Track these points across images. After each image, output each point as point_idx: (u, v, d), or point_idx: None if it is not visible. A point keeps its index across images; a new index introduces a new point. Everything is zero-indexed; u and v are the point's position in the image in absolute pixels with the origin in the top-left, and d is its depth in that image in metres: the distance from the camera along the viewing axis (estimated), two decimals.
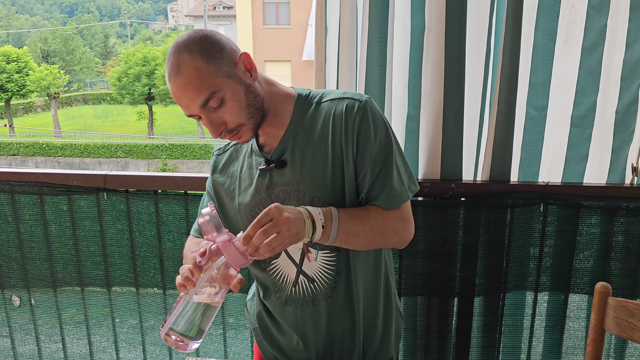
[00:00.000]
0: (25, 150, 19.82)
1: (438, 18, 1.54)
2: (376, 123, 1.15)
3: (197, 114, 1.10)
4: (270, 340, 1.34)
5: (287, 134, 1.18)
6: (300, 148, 1.17)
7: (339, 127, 1.14)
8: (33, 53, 31.79)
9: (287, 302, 1.25)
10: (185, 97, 1.07)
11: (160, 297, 1.87)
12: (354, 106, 1.14)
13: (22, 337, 1.97)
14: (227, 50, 1.10)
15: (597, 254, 1.66)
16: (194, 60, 1.05)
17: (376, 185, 1.15)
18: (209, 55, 1.07)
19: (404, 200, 1.18)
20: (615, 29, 1.59)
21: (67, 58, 37.74)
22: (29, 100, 27.06)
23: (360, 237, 1.14)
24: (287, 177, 1.18)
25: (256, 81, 1.14)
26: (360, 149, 1.14)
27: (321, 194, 1.16)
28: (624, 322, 1.27)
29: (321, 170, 1.15)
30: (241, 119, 1.11)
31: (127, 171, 7.93)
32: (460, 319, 1.73)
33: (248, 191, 1.22)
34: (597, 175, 1.69)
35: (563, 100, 1.66)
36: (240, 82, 1.10)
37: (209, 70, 1.06)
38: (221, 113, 1.10)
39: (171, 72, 1.07)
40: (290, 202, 1.17)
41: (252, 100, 1.12)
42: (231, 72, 1.09)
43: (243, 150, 1.28)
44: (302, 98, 1.21)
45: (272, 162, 1.18)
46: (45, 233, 1.83)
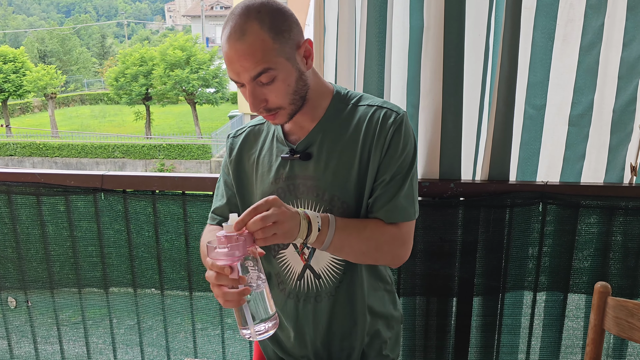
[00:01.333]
0: (22, 150, 19.77)
1: (437, 17, 1.54)
2: (407, 138, 1.15)
3: (243, 82, 1.08)
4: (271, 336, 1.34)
5: (318, 129, 1.18)
6: (328, 145, 1.17)
7: (372, 133, 1.14)
8: (30, 53, 31.73)
9: (289, 296, 1.25)
10: (240, 64, 1.04)
11: (158, 298, 1.86)
12: (391, 116, 1.15)
13: (18, 338, 1.96)
14: (294, 32, 1.09)
15: (596, 253, 1.66)
16: (262, 32, 1.03)
17: (385, 194, 1.16)
18: (278, 32, 1.05)
19: (406, 218, 1.18)
20: (613, 28, 1.59)
21: (64, 58, 37.65)
22: (26, 100, 26.99)
23: (354, 247, 1.14)
24: (309, 172, 1.17)
25: (309, 69, 1.14)
26: (386, 158, 1.14)
27: (341, 194, 1.16)
28: (624, 321, 1.26)
29: (346, 171, 1.15)
30: (284, 102, 1.11)
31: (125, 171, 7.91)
32: (459, 319, 1.73)
33: (266, 177, 1.22)
34: (595, 174, 1.69)
35: (561, 99, 1.66)
36: (295, 67, 1.09)
37: (274, 47, 1.04)
38: (267, 90, 1.08)
39: (232, 34, 1.03)
40: (309, 197, 1.17)
41: (300, 88, 1.12)
42: (291, 55, 1.08)
43: (262, 134, 1.27)
44: (340, 96, 1.21)
45: (297, 152, 1.18)
46: (42, 234, 1.82)
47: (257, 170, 1.24)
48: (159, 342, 1.92)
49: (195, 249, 1.80)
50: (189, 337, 1.91)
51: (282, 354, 1.34)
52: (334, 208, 1.16)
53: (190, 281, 1.83)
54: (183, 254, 1.80)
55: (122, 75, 21.47)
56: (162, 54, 20.92)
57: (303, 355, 1.29)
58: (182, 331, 1.91)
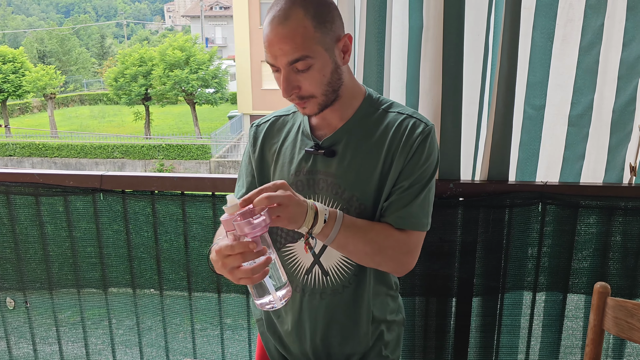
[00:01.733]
0: (21, 150, 19.77)
1: (436, 17, 1.54)
2: (431, 150, 1.16)
3: (279, 67, 1.09)
4: (272, 330, 1.35)
5: (345, 128, 1.18)
6: (354, 146, 1.17)
7: (398, 140, 1.15)
8: (29, 53, 31.71)
9: (295, 289, 1.26)
10: (279, 47, 1.06)
11: (157, 298, 1.86)
12: (419, 126, 1.16)
13: (17, 339, 1.96)
14: (336, 24, 1.10)
15: (595, 253, 1.66)
16: (306, 19, 1.05)
17: (399, 201, 1.16)
18: (321, 22, 1.07)
19: (416, 227, 1.18)
20: (612, 29, 1.59)
21: (63, 58, 37.65)
22: (25, 100, 26.99)
23: (358, 246, 1.13)
24: (331, 169, 1.18)
25: (345, 65, 1.15)
26: (408, 166, 1.15)
27: (360, 195, 1.16)
28: (623, 322, 1.26)
29: (368, 174, 1.16)
30: (317, 91, 1.11)
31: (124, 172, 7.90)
32: (458, 319, 1.73)
33: (287, 169, 1.22)
34: (594, 174, 1.69)
35: (561, 99, 1.66)
36: (332, 59, 1.11)
37: (314, 35, 1.06)
38: (302, 78, 1.09)
39: (276, 17, 1.06)
40: (327, 194, 1.18)
41: (335, 81, 1.13)
42: (330, 47, 1.09)
43: (287, 125, 1.27)
44: (371, 99, 1.21)
45: (321, 148, 1.18)
46: (41, 234, 1.82)
47: (277, 161, 1.25)
48: (158, 342, 1.91)
49: (195, 249, 1.79)
50: (188, 337, 1.91)
51: (282, 349, 1.34)
52: (352, 208, 1.17)
53: (189, 281, 1.83)
54: (182, 254, 1.80)
55: (121, 76, 21.49)
56: (161, 54, 20.93)
57: (302, 351, 1.29)
58: (181, 331, 1.91)
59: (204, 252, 1.79)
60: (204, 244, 1.78)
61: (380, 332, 1.30)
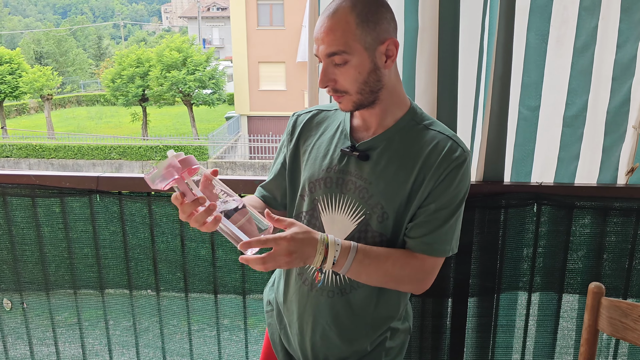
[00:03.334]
0: (18, 152, 19.72)
1: (431, 18, 1.54)
2: (464, 177, 1.16)
3: (320, 56, 1.12)
4: (280, 320, 1.37)
5: (384, 135, 1.19)
6: (390, 155, 1.17)
7: (433, 160, 1.15)
8: (26, 54, 31.67)
9: (304, 282, 1.27)
10: (322, 38, 1.10)
11: (154, 299, 1.86)
12: (456, 151, 1.15)
13: (14, 340, 1.96)
14: (381, 26, 1.11)
15: (589, 254, 1.67)
16: (350, 15, 1.08)
17: (425, 225, 1.17)
18: (365, 20, 1.08)
19: (438, 254, 1.19)
20: (607, 30, 1.60)
21: (60, 59, 37.59)
22: (22, 101, 26.93)
23: (372, 276, 1.16)
24: (363, 173, 1.18)
25: (388, 69, 1.15)
26: (437, 189, 1.15)
27: (386, 204, 1.17)
28: (617, 322, 1.27)
29: (398, 186, 1.16)
30: (351, 88, 1.13)
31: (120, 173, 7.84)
32: (454, 319, 1.73)
33: (319, 163, 1.23)
34: (589, 174, 1.70)
35: (555, 100, 1.67)
36: (372, 60, 1.11)
37: (355, 32, 1.08)
38: (338, 72, 1.12)
39: (327, 9, 1.11)
40: (354, 196, 1.18)
41: (373, 82, 1.13)
42: (371, 47, 1.10)
43: (327, 121, 1.28)
44: (414, 113, 1.21)
45: (357, 150, 1.19)
46: (38, 235, 1.82)
47: (310, 153, 1.26)
48: (155, 343, 1.92)
49: (191, 251, 1.80)
50: (185, 338, 1.91)
51: (285, 341, 1.35)
52: (374, 215, 1.17)
53: (186, 282, 1.83)
54: (179, 255, 1.80)
55: (118, 77, 21.45)
56: (158, 55, 20.90)
57: (301, 345, 1.30)
58: (178, 332, 1.91)
59: (200, 253, 1.80)
60: (201, 245, 1.79)
61: (382, 338, 1.30)
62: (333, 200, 1.21)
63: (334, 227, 1.21)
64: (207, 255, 1.80)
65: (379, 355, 1.30)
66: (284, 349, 1.36)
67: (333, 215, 1.21)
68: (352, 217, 1.19)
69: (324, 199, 1.22)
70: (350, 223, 1.19)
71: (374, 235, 1.19)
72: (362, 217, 1.18)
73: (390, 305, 1.28)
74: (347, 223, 1.20)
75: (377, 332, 1.28)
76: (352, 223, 1.19)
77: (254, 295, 1.82)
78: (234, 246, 1.06)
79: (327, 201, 1.21)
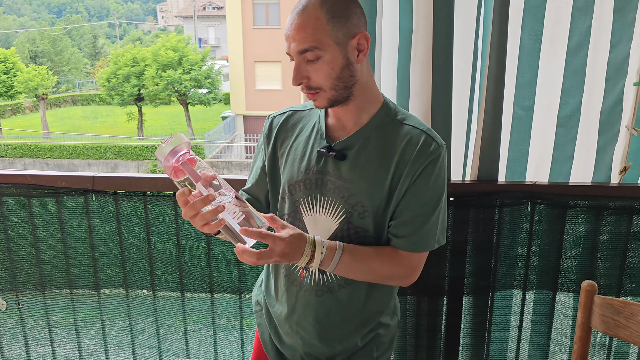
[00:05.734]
0: (13, 152, 19.64)
1: (426, 19, 1.55)
2: (441, 170, 1.17)
3: (292, 54, 1.12)
4: (269, 319, 1.37)
5: (360, 134, 1.19)
6: (367, 153, 1.18)
7: (409, 155, 1.16)
8: (21, 54, 31.50)
9: (293, 283, 1.27)
10: (292, 36, 1.10)
11: (150, 299, 1.86)
12: (430, 145, 1.16)
13: (9, 340, 1.96)
14: (352, 20, 1.12)
15: (583, 252, 1.68)
16: (320, 11, 1.09)
17: (410, 224, 1.18)
18: (335, 16, 1.09)
19: (424, 249, 1.21)
20: (600, 30, 1.61)
21: (55, 59, 37.42)
22: (17, 101, 26.79)
23: (358, 275, 1.21)
24: (342, 173, 1.19)
25: (360, 64, 1.15)
26: (415, 185, 1.16)
27: (366, 202, 1.17)
28: (610, 319, 1.28)
29: (378, 183, 1.17)
30: (325, 84, 1.13)
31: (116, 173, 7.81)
32: (449, 317, 1.74)
33: (297, 165, 1.23)
34: (583, 174, 1.71)
35: (549, 100, 1.68)
36: (344, 55, 1.12)
37: (326, 28, 1.09)
38: (311, 68, 1.12)
39: (296, 7, 1.11)
40: (334, 196, 1.19)
41: (346, 77, 1.13)
42: (342, 42, 1.11)
43: (302, 122, 1.28)
44: (388, 108, 1.22)
45: (333, 150, 1.19)
46: (33, 235, 1.82)
47: (288, 156, 1.26)
48: (151, 343, 1.92)
49: (187, 250, 1.80)
50: (181, 338, 1.91)
51: (276, 340, 1.35)
52: (355, 213, 1.18)
53: (182, 282, 1.83)
54: (175, 255, 1.80)
55: (114, 76, 21.38)
56: (154, 54, 20.85)
57: (293, 343, 1.31)
58: (174, 332, 1.92)
59: (196, 253, 1.80)
60: (197, 245, 1.79)
61: (372, 333, 1.31)
62: (314, 201, 1.21)
63: (317, 227, 1.21)
64: (203, 254, 1.80)
65: (370, 351, 1.31)
66: (275, 347, 1.37)
67: (315, 216, 1.22)
68: (334, 217, 1.20)
69: (305, 201, 1.22)
70: (333, 222, 1.20)
71: (356, 232, 1.20)
72: (344, 216, 1.19)
73: (380, 301, 1.29)
74: (330, 223, 1.21)
75: (367, 328, 1.29)
76: (334, 222, 1.20)
77: (250, 295, 1.83)
78: (230, 246, 1.07)
79: (308, 202, 1.22)
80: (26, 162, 19.43)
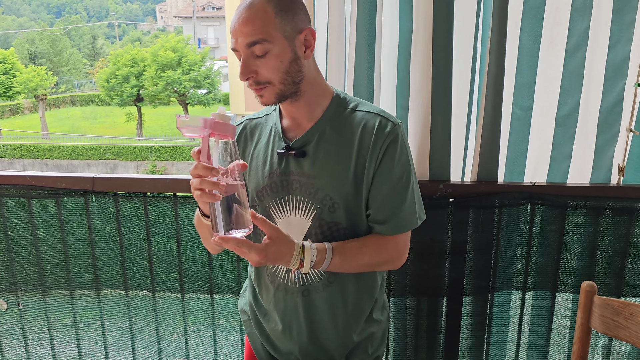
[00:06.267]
0: (12, 152, 19.63)
1: (425, 20, 1.55)
2: (402, 148, 1.18)
3: (239, 49, 1.11)
4: (260, 328, 1.36)
5: (316, 128, 1.20)
6: (326, 146, 1.19)
7: (368, 140, 1.16)
8: (20, 54, 31.50)
9: (278, 288, 1.27)
10: (240, 30, 1.09)
11: (150, 300, 1.86)
12: (387, 125, 1.17)
13: (9, 341, 1.96)
14: (299, 16, 1.13)
15: (583, 253, 1.68)
16: (268, 5, 1.09)
17: (388, 207, 1.19)
18: (283, 9, 1.10)
19: (409, 228, 1.23)
20: (598, 31, 1.62)
21: (54, 59, 37.41)
22: (16, 102, 26.79)
23: (350, 270, 1.21)
24: (304, 169, 1.19)
25: (307, 60, 1.16)
26: (382, 168, 1.17)
27: (334, 194, 1.18)
28: (609, 320, 1.28)
29: (341, 173, 1.17)
30: (273, 78, 1.12)
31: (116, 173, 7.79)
32: (449, 318, 1.74)
33: (260, 171, 1.23)
34: (581, 174, 1.72)
35: (548, 100, 1.68)
36: (292, 49, 1.12)
37: (274, 21, 1.09)
38: (260, 63, 1.11)
39: (242, 5, 1.10)
40: (302, 194, 1.19)
41: (294, 72, 1.14)
42: (290, 35, 1.11)
43: (259, 128, 1.28)
44: (339, 99, 1.23)
45: (292, 149, 1.19)
46: (33, 236, 1.82)
47: (251, 163, 1.26)
48: (151, 343, 1.92)
49: (187, 251, 1.80)
50: (180, 338, 1.91)
51: (270, 348, 1.35)
52: (325, 207, 1.18)
53: (182, 283, 1.84)
54: (174, 255, 1.81)
55: (113, 77, 21.40)
56: (153, 55, 20.87)
57: (289, 350, 1.31)
58: (174, 333, 1.92)
59: (196, 254, 1.80)
60: (197, 245, 1.79)
61: (365, 329, 1.32)
62: (283, 203, 1.22)
63: (291, 229, 1.21)
64: (203, 255, 1.80)
65: (365, 348, 1.32)
66: (270, 355, 1.36)
67: (288, 218, 1.22)
68: (305, 215, 1.20)
69: (274, 205, 1.22)
70: (305, 221, 1.20)
71: (329, 227, 1.20)
72: (314, 212, 1.19)
73: (366, 294, 1.30)
74: (302, 221, 1.21)
75: (359, 322, 1.30)
76: (306, 220, 1.20)
77: None
78: None
79: (278, 205, 1.22)
80: (25, 162, 19.42)
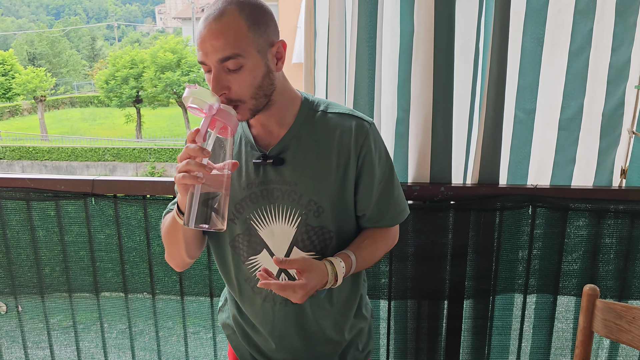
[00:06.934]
0: (11, 154, 19.60)
1: (427, 22, 1.55)
2: (380, 146, 1.21)
3: (210, 64, 1.06)
4: (247, 340, 1.34)
5: (290, 134, 1.18)
6: (304, 151, 1.17)
7: (347, 142, 1.16)
8: (19, 56, 31.51)
9: (265, 299, 1.25)
10: (210, 44, 1.04)
11: (149, 302, 1.86)
12: (363, 126, 1.18)
13: (9, 344, 1.95)
14: (271, 29, 1.10)
15: (585, 256, 1.68)
16: (240, 18, 1.04)
17: (382, 204, 1.23)
18: (255, 23, 1.06)
19: (403, 217, 1.28)
20: (601, 33, 1.61)
21: (53, 61, 37.41)
22: (15, 103, 26.77)
23: (366, 267, 1.26)
24: (285, 177, 1.17)
25: (279, 72, 1.14)
26: (365, 168, 1.18)
27: (318, 198, 1.17)
28: (612, 324, 1.28)
29: (323, 177, 1.16)
30: (246, 94, 1.08)
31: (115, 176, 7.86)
32: (450, 321, 1.74)
33: (236, 182, 1.20)
34: (585, 177, 1.71)
35: (551, 103, 1.68)
36: (265, 62, 1.09)
37: (247, 34, 1.05)
38: (232, 78, 1.06)
39: (210, 15, 1.05)
40: (285, 202, 1.17)
41: (266, 86, 1.11)
42: (263, 49, 1.08)
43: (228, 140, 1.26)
44: (308, 103, 1.21)
45: (269, 157, 1.17)
46: (33, 239, 1.81)
47: None
48: (151, 346, 1.91)
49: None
50: (180, 341, 1.90)
51: (260, 358, 1.33)
52: (310, 212, 1.17)
53: (181, 285, 1.83)
54: None
55: (112, 78, 21.37)
56: (152, 56, 20.85)
57: (283, 357, 1.29)
58: (174, 335, 1.91)
59: None
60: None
61: (355, 325, 1.32)
62: (265, 213, 1.19)
63: (275, 238, 1.19)
64: (203, 258, 1.79)
65: (356, 344, 1.34)
66: None
67: (271, 227, 1.19)
68: (290, 223, 1.18)
69: (255, 215, 1.19)
70: (290, 228, 1.19)
71: (315, 232, 1.19)
72: (299, 218, 1.18)
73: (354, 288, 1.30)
74: (287, 229, 1.19)
75: (349, 319, 1.30)
76: (291, 228, 1.18)
77: None
78: None
79: (260, 216, 1.19)
80: (24, 164, 19.39)
